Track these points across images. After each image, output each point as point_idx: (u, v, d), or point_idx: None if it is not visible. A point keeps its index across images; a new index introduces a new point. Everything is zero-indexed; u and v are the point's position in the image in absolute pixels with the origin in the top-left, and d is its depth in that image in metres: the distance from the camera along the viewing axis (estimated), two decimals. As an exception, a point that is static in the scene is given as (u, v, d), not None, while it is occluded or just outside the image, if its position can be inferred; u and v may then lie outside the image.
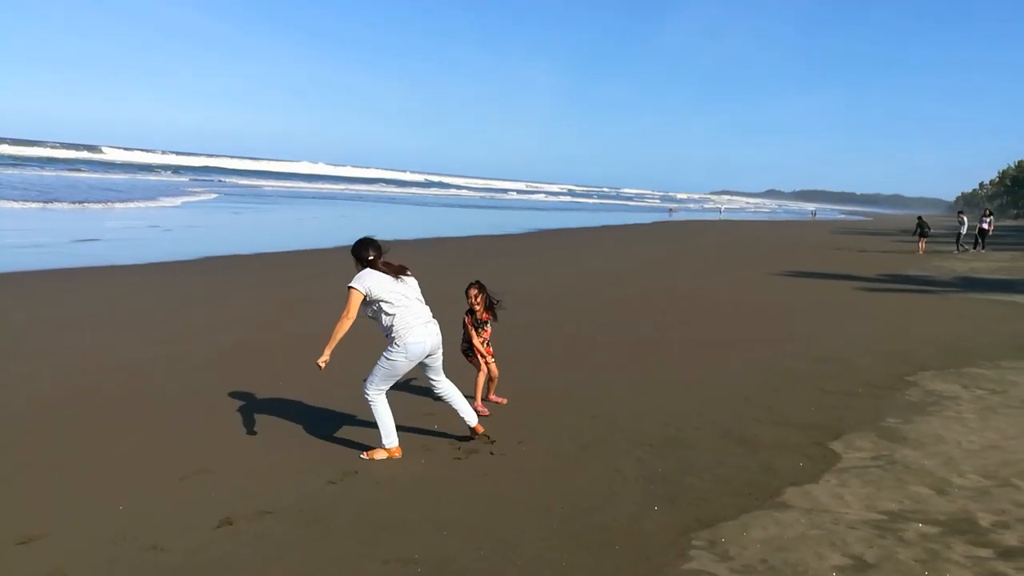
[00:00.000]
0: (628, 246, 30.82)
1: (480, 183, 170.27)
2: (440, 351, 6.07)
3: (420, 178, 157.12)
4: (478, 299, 7.22)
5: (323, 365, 5.65)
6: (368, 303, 5.68)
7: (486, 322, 7.40)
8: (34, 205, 30.69)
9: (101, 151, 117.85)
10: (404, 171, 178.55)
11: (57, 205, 31.62)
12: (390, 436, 5.92)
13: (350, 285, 5.65)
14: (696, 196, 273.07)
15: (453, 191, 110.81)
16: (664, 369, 9.18)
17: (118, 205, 34.53)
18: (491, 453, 6.06)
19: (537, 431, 6.65)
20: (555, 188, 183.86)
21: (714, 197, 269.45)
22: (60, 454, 5.74)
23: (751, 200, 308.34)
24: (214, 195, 48.47)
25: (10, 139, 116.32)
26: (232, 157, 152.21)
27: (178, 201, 40.74)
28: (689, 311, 13.87)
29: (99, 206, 33.29)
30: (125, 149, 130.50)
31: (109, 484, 5.21)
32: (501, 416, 7.03)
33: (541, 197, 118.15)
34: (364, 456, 5.90)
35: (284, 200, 51.91)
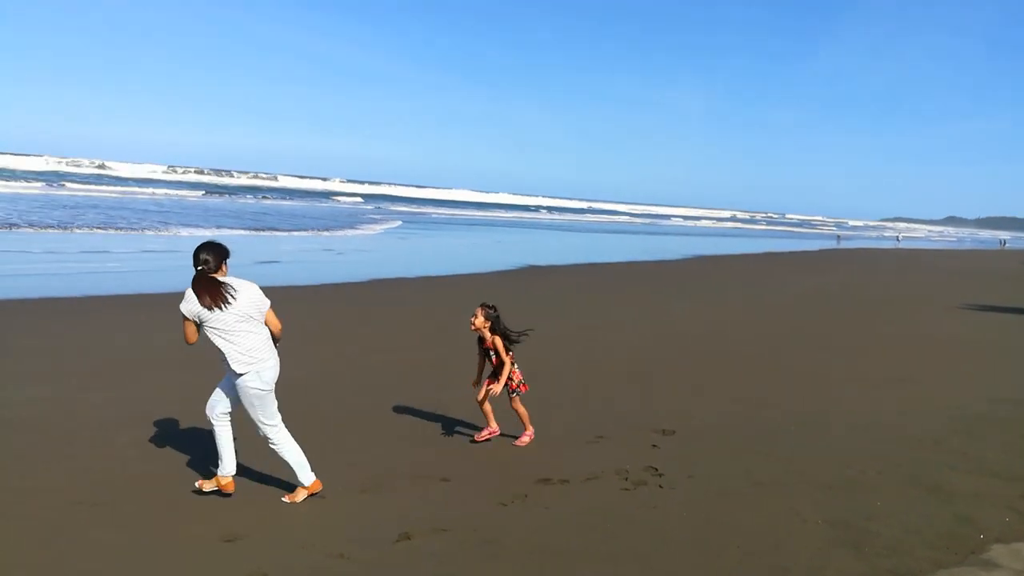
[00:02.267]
0: (791, 274, 29.46)
1: (641, 209, 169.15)
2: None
3: (583, 205, 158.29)
4: (476, 322, 6.71)
5: None
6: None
7: (489, 350, 6.82)
8: (265, 233, 33.46)
9: (276, 179, 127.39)
10: (568, 199, 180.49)
11: (276, 232, 34.40)
12: (228, 466, 5.33)
13: (180, 308, 4.98)
14: (872, 223, 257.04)
15: (614, 217, 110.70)
16: (835, 406, 8.68)
17: (324, 233, 37.04)
18: (660, 486, 5.96)
19: (706, 465, 6.47)
20: (719, 214, 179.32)
21: (889, 224, 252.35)
22: (250, 460, 6.23)
23: (931, 228, 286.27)
24: (398, 222, 51.06)
25: (210, 168, 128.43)
26: (392, 184, 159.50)
27: (378, 228, 43.26)
28: (859, 344, 13.04)
29: (306, 233, 35.89)
30: (299, 177, 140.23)
31: (294, 491, 5.58)
32: (670, 448, 6.91)
33: (706, 223, 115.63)
34: (285, 500, 5.40)
35: (458, 227, 53.97)
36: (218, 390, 5.38)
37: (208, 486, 5.36)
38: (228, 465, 5.38)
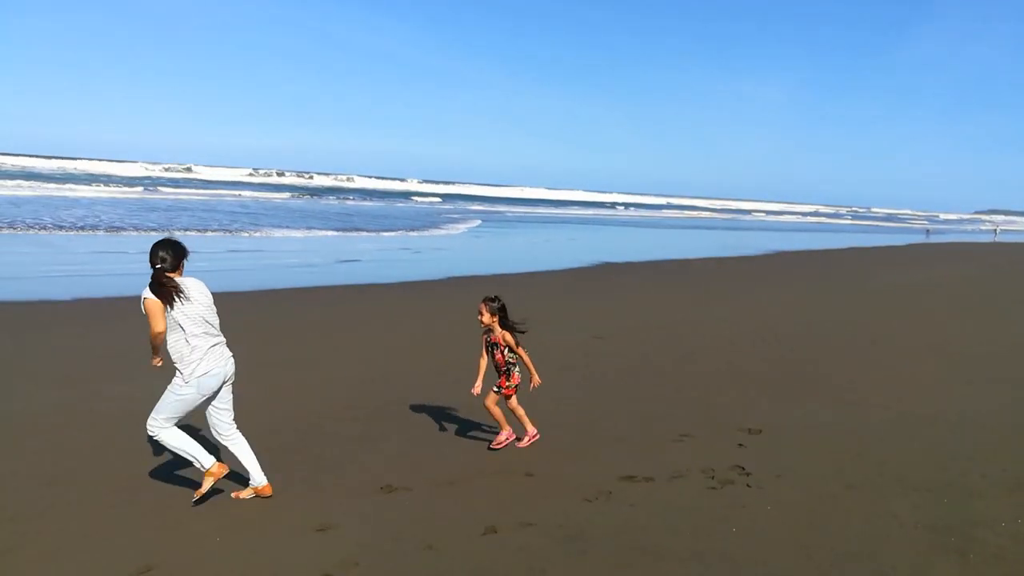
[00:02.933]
0: (875, 269, 28.34)
1: (721, 203, 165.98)
2: (231, 381, 5.29)
3: (661, 200, 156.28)
4: (484, 318, 6.38)
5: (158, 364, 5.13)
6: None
7: (495, 346, 6.50)
8: (353, 233, 34.50)
9: (352, 179, 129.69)
10: (645, 194, 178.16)
11: (364, 233, 35.13)
12: (206, 459, 5.19)
13: (143, 295, 4.91)
14: (966, 216, 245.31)
15: (693, 212, 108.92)
16: (931, 405, 8.31)
17: (411, 233, 37.50)
18: (747, 486, 5.83)
19: (795, 465, 6.30)
20: (802, 208, 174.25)
21: (984, 217, 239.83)
22: (346, 455, 6.39)
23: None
24: (478, 221, 51.44)
25: (291, 170, 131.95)
26: (466, 183, 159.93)
27: (461, 228, 43.66)
28: (948, 341, 12.45)
29: (394, 233, 36.34)
30: (376, 178, 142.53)
31: (385, 483, 5.70)
32: (757, 447, 6.76)
33: (789, 218, 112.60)
34: (234, 496, 5.36)
35: (536, 224, 54.04)
36: (208, 413, 5.30)
37: (246, 494, 5.37)
38: (256, 475, 5.35)
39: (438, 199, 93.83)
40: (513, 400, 6.63)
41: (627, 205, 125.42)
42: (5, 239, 23.49)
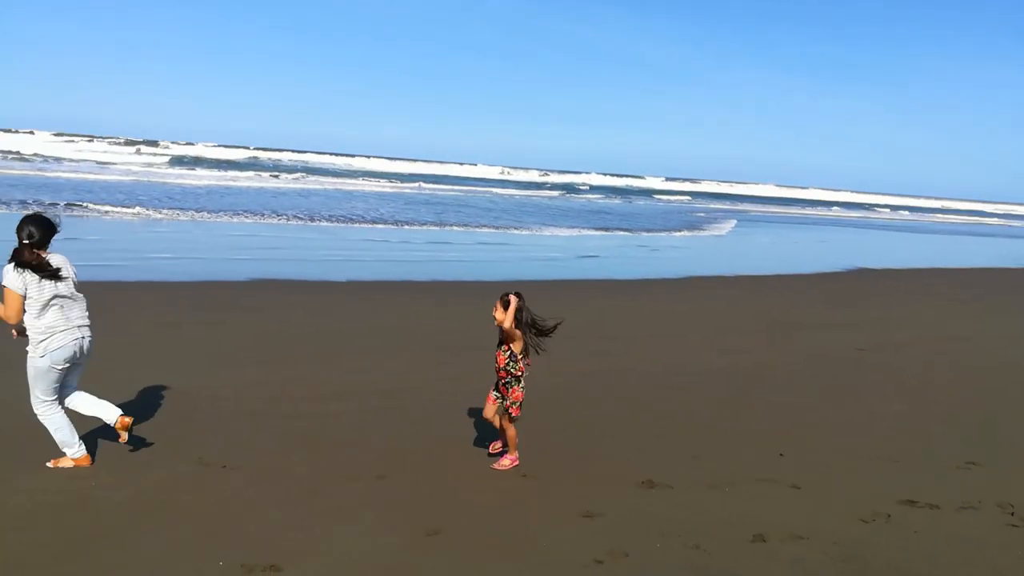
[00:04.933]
0: None
1: (1012, 209, 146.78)
2: (84, 361, 5.38)
3: (935, 204, 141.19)
4: (497, 315, 5.59)
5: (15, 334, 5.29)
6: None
7: (500, 343, 5.72)
8: (621, 233, 35.12)
9: (590, 175, 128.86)
10: (916, 196, 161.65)
11: (634, 233, 35.00)
12: (73, 446, 5.33)
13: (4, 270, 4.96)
14: None
15: (975, 218, 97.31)
16: None
17: (677, 233, 36.21)
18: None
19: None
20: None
21: None
22: (607, 438, 6.55)
23: None
24: (733, 222, 49.65)
25: (536, 168, 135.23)
26: (702, 180, 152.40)
27: (725, 228, 41.90)
28: None
29: (660, 234, 35.13)
30: (611, 175, 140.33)
31: (646, 477, 5.77)
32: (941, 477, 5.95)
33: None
34: (49, 464, 5.37)
35: (796, 226, 51.30)
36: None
37: (64, 463, 5.41)
38: (110, 412, 5.48)
39: (687, 198, 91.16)
40: (507, 419, 5.80)
41: (893, 207, 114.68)
42: (291, 228, 26.53)
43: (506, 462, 5.86)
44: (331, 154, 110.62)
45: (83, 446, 5.46)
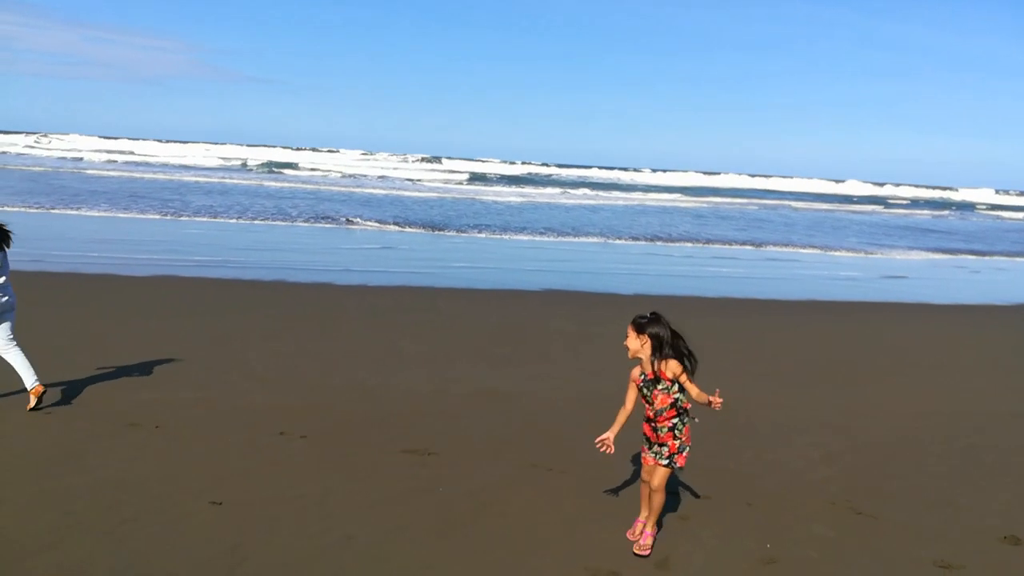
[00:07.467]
0: None
1: None
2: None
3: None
4: (630, 345, 4.49)
5: None
6: None
7: (654, 381, 4.50)
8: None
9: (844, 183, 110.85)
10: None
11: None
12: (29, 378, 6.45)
13: None
14: None
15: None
16: None
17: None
18: None
19: None
20: None
21: None
22: (946, 482, 5.91)
23: None
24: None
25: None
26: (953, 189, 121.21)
27: None
28: None
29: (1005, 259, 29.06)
30: (915, 186, 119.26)
31: (1009, 532, 5.12)
32: None
33: None
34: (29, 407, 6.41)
35: None
36: None
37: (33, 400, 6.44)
38: (28, 378, 6.44)
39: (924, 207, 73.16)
40: (661, 476, 4.61)
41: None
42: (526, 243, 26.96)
43: (650, 541, 4.69)
44: (608, 168, 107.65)
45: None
